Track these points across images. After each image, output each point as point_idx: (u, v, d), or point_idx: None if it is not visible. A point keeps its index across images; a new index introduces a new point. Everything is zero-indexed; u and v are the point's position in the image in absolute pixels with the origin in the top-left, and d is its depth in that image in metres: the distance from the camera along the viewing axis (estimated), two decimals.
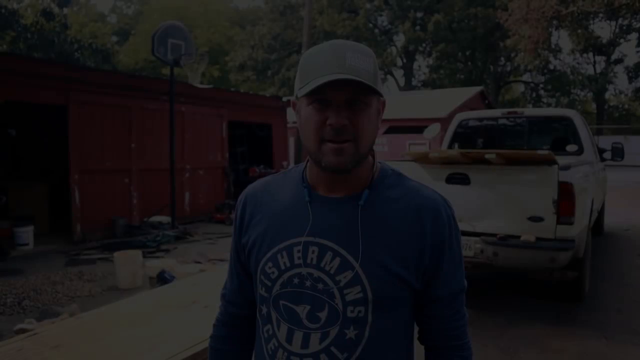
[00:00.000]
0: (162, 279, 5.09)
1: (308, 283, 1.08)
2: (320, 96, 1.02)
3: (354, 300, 1.06)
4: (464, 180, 4.51)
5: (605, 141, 25.98)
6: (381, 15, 38.48)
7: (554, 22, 20.72)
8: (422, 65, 49.27)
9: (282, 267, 1.10)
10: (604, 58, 36.96)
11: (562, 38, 57.91)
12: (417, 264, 1.09)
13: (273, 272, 1.11)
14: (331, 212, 1.10)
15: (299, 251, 1.09)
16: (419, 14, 35.88)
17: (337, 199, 1.11)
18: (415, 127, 18.13)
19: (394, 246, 1.08)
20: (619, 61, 36.86)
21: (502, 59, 37.70)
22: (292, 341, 1.09)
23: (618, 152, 6.86)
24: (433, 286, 1.13)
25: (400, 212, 1.10)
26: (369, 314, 1.07)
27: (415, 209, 1.10)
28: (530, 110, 6.75)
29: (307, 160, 1.18)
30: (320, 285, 1.07)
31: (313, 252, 1.08)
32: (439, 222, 1.11)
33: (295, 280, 1.09)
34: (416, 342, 1.21)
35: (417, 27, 35.67)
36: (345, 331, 1.06)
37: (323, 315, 1.07)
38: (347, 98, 1.02)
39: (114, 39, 43.48)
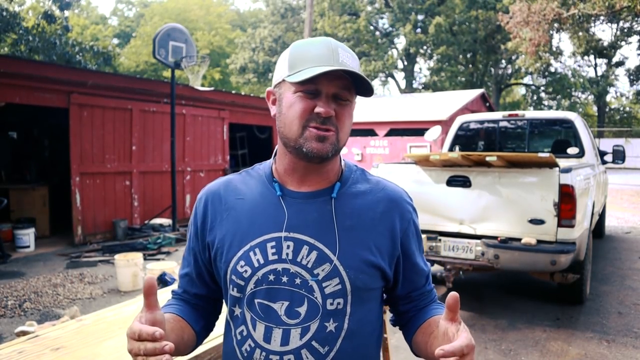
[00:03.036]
0: (163, 281, 5.09)
1: (285, 279, 1.07)
2: (310, 86, 1.03)
3: (333, 293, 1.06)
4: (465, 182, 4.51)
5: (607, 144, 26.03)
6: (382, 18, 38.51)
7: (555, 24, 20.73)
8: (423, 68, 49.39)
9: (256, 265, 1.08)
10: (605, 61, 36.98)
11: (563, 41, 58.02)
12: (390, 253, 1.14)
13: (246, 271, 1.09)
14: (304, 206, 1.11)
15: (272, 247, 1.08)
16: (420, 17, 35.90)
17: (310, 193, 1.12)
18: (416, 130, 18.13)
19: (368, 237, 1.11)
20: (620, 64, 36.89)
21: (503, 61, 37.73)
22: (271, 340, 1.07)
23: (619, 155, 6.85)
24: (410, 271, 1.20)
25: (370, 204, 1.14)
26: (347, 306, 1.08)
27: (384, 201, 1.16)
28: (531, 113, 6.74)
29: (274, 157, 1.19)
30: (297, 280, 1.06)
31: (288, 247, 1.08)
32: (405, 212, 1.17)
33: (271, 277, 1.07)
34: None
35: (418, 30, 35.69)
36: (325, 324, 1.06)
37: (303, 310, 1.06)
38: (335, 92, 1.05)
39: (115, 41, 43.60)
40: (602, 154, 7.11)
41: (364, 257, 1.09)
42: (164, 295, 2.43)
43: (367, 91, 1.08)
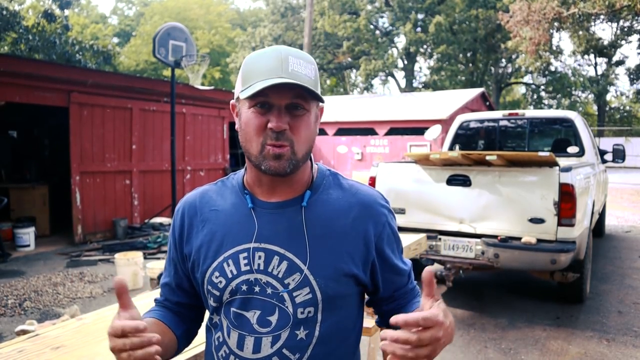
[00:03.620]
0: None
1: (257, 289, 1.08)
2: (262, 99, 1.03)
3: (304, 302, 1.07)
4: (465, 181, 4.51)
5: (607, 143, 26.04)
6: (382, 17, 38.49)
7: (555, 23, 20.72)
8: (423, 67, 49.38)
9: (229, 276, 1.10)
10: (605, 60, 36.97)
11: (563, 40, 57.97)
12: (364, 259, 1.13)
13: (220, 282, 1.11)
14: (275, 217, 1.11)
15: (245, 258, 1.10)
16: (420, 16, 35.88)
17: (280, 203, 1.12)
18: (416, 129, 18.13)
19: (340, 244, 1.10)
20: (620, 63, 36.88)
21: (503, 60, 37.70)
22: (244, 347, 1.09)
23: (619, 154, 6.86)
24: (390, 274, 1.19)
25: (342, 210, 1.13)
26: (318, 314, 1.09)
27: (356, 206, 1.14)
28: (531, 112, 6.74)
29: (246, 167, 1.19)
30: (269, 290, 1.08)
31: (259, 257, 1.09)
32: (378, 215, 1.15)
33: (244, 287, 1.09)
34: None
35: (418, 29, 35.66)
36: (296, 332, 1.08)
37: (274, 319, 1.08)
38: (287, 103, 1.03)
39: (115, 40, 43.54)
40: (602, 153, 7.11)
41: (335, 266, 1.09)
42: None
43: (320, 99, 1.07)
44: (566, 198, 4.09)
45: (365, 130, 19.62)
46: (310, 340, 1.08)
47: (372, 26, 37.23)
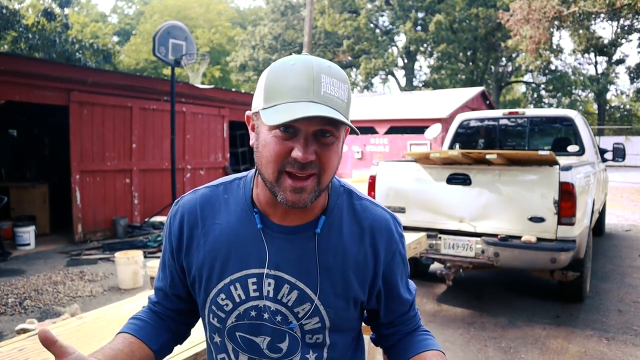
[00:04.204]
0: None
1: (266, 315, 1.05)
2: (286, 123, 0.89)
3: (313, 330, 1.06)
4: (465, 180, 4.51)
5: (607, 142, 26.04)
6: (382, 16, 38.50)
7: (556, 22, 20.71)
8: (423, 66, 49.32)
9: (237, 300, 1.06)
10: (605, 58, 36.95)
11: (564, 38, 57.94)
12: (371, 286, 1.11)
13: (227, 304, 1.07)
14: (287, 243, 1.05)
15: (254, 283, 1.05)
16: (420, 14, 35.88)
17: (292, 228, 1.05)
18: (417, 128, 18.15)
19: (351, 272, 1.07)
20: (620, 62, 36.86)
21: (504, 59, 37.70)
22: None
23: (619, 153, 6.85)
24: (395, 300, 1.16)
25: (355, 235, 1.08)
26: (326, 338, 1.09)
27: (369, 231, 1.09)
28: (531, 111, 6.74)
29: (255, 177, 1.09)
30: (278, 317, 1.05)
31: (269, 284, 1.04)
32: (392, 241, 1.11)
33: (252, 313, 1.06)
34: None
35: (419, 28, 35.67)
36: (306, 356, 1.08)
37: (284, 345, 1.06)
38: (316, 130, 0.92)
39: (115, 39, 43.54)
40: (602, 151, 7.11)
41: (346, 296, 1.07)
42: None
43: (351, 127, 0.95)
44: (566, 197, 4.09)
45: (365, 129, 19.63)
46: None
47: (372, 25, 37.22)
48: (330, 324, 1.06)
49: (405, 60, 39.11)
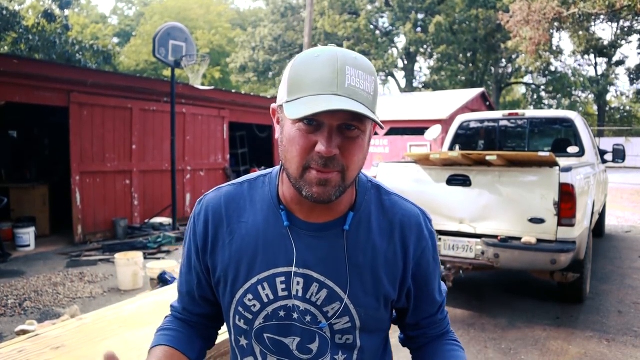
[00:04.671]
0: (163, 280, 5.09)
1: (295, 315, 1.03)
2: (308, 117, 0.87)
3: (342, 330, 1.03)
4: (465, 181, 4.51)
5: (607, 143, 26.03)
6: (382, 17, 38.52)
7: (555, 23, 20.73)
8: (423, 67, 49.45)
9: (265, 300, 1.03)
10: (605, 60, 36.99)
11: (564, 40, 57.98)
12: (401, 283, 1.07)
13: (254, 305, 1.04)
14: (314, 240, 1.02)
15: (282, 282, 1.02)
16: (420, 16, 35.91)
17: (320, 225, 1.02)
18: (417, 129, 18.16)
19: (381, 268, 1.04)
20: (620, 63, 36.91)
21: (504, 60, 37.73)
22: None
23: (619, 154, 6.85)
24: (424, 300, 1.13)
25: (384, 231, 1.05)
26: (357, 340, 1.05)
27: (399, 227, 1.05)
28: (531, 112, 6.74)
29: (280, 173, 1.07)
30: (308, 317, 1.03)
31: (298, 283, 1.02)
32: (421, 237, 1.07)
33: (281, 313, 1.03)
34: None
35: (419, 29, 35.69)
36: (335, 357, 1.05)
37: (314, 346, 1.04)
38: (340, 124, 0.90)
39: (115, 40, 43.57)
40: (602, 153, 7.11)
41: (377, 295, 1.04)
42: (166, 295, 2.43)
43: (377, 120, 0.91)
44: (566, 198, 4.09)
45: None
46: None
47: (372, 26, 37.25)
48: (361, 323, 1.03)
49: (405, 62, 39.14)
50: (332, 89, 0.87)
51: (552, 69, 35.06)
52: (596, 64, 37.84)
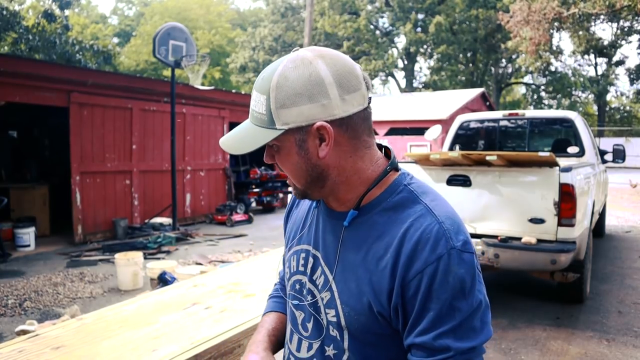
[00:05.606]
0: (163, 280, 5.09)
1: (304, 292, 1.08)
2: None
3: (331, 322, 1.02)
4: (465, 182, 4.51)
5: (607, 143, 26.03)
6: (382, 17, 38.54)
7: (555, 23, 20.73)
8: (423, 67, 49.41)
9: (292, 270, 1.13)
10: (605, 60, 37.02)
11: (564, 40, 58.00)
12: (388, 302, 0.93)
13: (287, 272, 1.16)
14: (326, 225, 1.07)
15: (303, 258, 1.10)
16: (420, 16, 35.92)
17: (334, 213, 1.05)
18: (417, 129, 18.16)
19: (367, 274, 0.95)
20: (620, 63, 36.94)
21: (504, 60, 37.76)
22: (292, 341, 1.13)
23: (619, 154, 6.85)
24: (407, 331, 0.93)
25: (384, 239, 0.95)
26: (345, 340, 1.00)
27: (399, 239, 0.92)
28: (531, 112, 6.73)
29: None
30: (309, 297, 1.06)
31: (310, 262, 1.08)
32: (419, 258, 0.89)
33: (297, 286, 1.11)
34: None
35: (419, 29, 35.69)
36: (325, 347, 1.04)
37: (310, 326, 1.07)
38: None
39: (115, 40, 43.62)
40: (602, 153, 7.10)
41: (359, 297, 0.96)
42: (166, 295, 2.44)
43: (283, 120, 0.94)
44: (566, 198, 4.09)
45: None
46: None
47: (372, 26, 37.25)
48: (346, 323, 0.98)
49: (405, 62, 39.14)
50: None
51: (552, 69, 35.07)
52: (596, 64, 37.88)
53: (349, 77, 0.93)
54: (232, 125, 11.59)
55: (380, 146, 1.06)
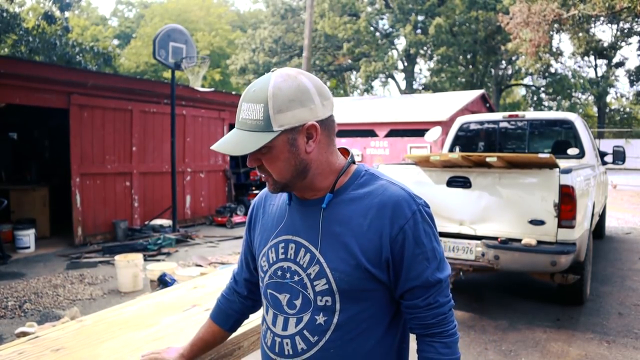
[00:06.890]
0: (163, 282, 5.09)
1: (288, 275, 1.24)
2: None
3: (322, 291, 1.18)
4: (465, 183, 4.51)
5: (607, 144, 26.04)
6: (382, 19, 38.49)
7: (555, 25, 20.73)
8: (423, 69, 49.33)
9: (271, 261, 1.27)
10: (605, 61, 37.01)
11: (564, 41, 58.05)
12: (378, 258, 1.16)
13: (265, 266, 1.30)
14: (302, 213, 1.25)
15: (282, 247, 1.26)
16: (420, 17, 35.89)
17: (308, 202, 1.25)
18: (417, 130, 18.13)
19: (354, 242, 1.16)
20: (620, 64, 36.92)
21: (504, 62, 37.74)
22: (276, 324, 1.26)
23: (619, 156, 6.86)
24: (402, 279, 1.18)
25: (361, 210, 1.18)
26: (336, 303, 1.18)
27: (376, 206, 1.17)
28: (531, 114, 6.74)
29: None
30: (296, 277, 1.22)
31: (291, 248, 1.24)
32: (398, 217, 1.16)
33: (279, 273, 1.25)
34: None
35: (419, 31, 35.68)
36: (315, 317, 1.20)
37: (298, 302, 1.22)
38: None
39: (115, 42, 43.61)
40: (602, 154, 7.11)
41: (348, 260, 1.16)
42: (166, 297, 2.43)
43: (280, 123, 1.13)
44: (566, 200, 4.09)
45: (365, 132, 19.62)
46: (328, 326, 1.19)
47: (372, 28, 37.23)
48: (337, 287, 1.17)
49: (405, 63, 39.13)
50: (237, 123, 1.15)
51: (552, 70, 35.05)
52: (596, 65, 37.87)
53: (323, 88, 1.17)
54: (232, 127, 11.57)
55: (342, 149, 1.30)
